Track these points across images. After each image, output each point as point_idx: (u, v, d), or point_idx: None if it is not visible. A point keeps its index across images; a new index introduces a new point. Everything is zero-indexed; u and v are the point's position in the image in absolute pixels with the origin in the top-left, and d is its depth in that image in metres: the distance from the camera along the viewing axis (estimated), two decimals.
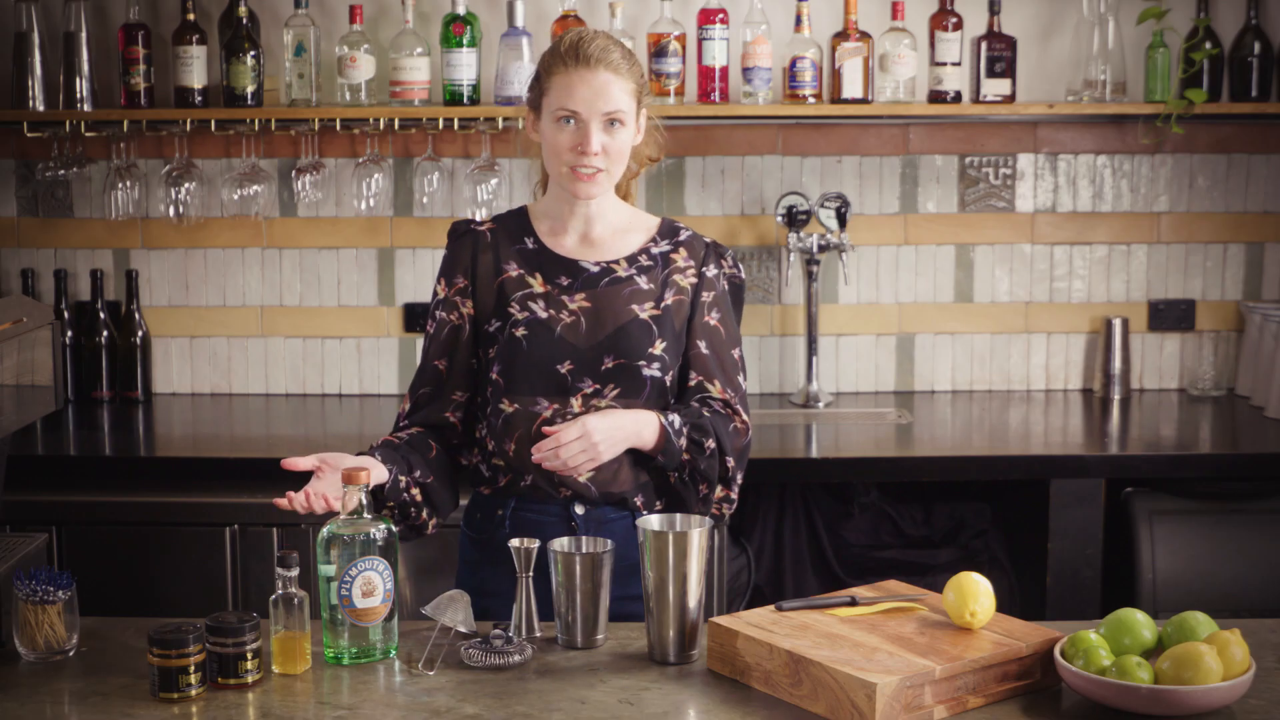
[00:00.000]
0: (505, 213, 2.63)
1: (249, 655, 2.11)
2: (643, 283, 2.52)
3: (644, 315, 2.50)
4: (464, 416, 2.56)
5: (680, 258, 2.55)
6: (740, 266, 2.63)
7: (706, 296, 2.55)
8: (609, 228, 2.56)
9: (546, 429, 2.42)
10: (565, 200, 2.52)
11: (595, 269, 2.52)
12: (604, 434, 2.41)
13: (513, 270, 2.53)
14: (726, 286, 2.59)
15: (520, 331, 2.48)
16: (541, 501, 2.50)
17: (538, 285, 2.51)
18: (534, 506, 2.50)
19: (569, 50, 2.47)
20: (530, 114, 2.53)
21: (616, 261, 2.53)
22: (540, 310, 2.49)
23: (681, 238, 2.58)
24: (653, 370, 2.48)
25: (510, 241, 2.55)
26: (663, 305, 2.51)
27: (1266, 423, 3.79)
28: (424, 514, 2.47)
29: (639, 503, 2.50)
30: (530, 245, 2.55)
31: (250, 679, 2.11)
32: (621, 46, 2.50)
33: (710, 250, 2.58)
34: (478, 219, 2.61)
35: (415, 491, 2.45)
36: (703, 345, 2.54)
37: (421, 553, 3.31)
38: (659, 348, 2.49)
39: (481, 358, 2.54)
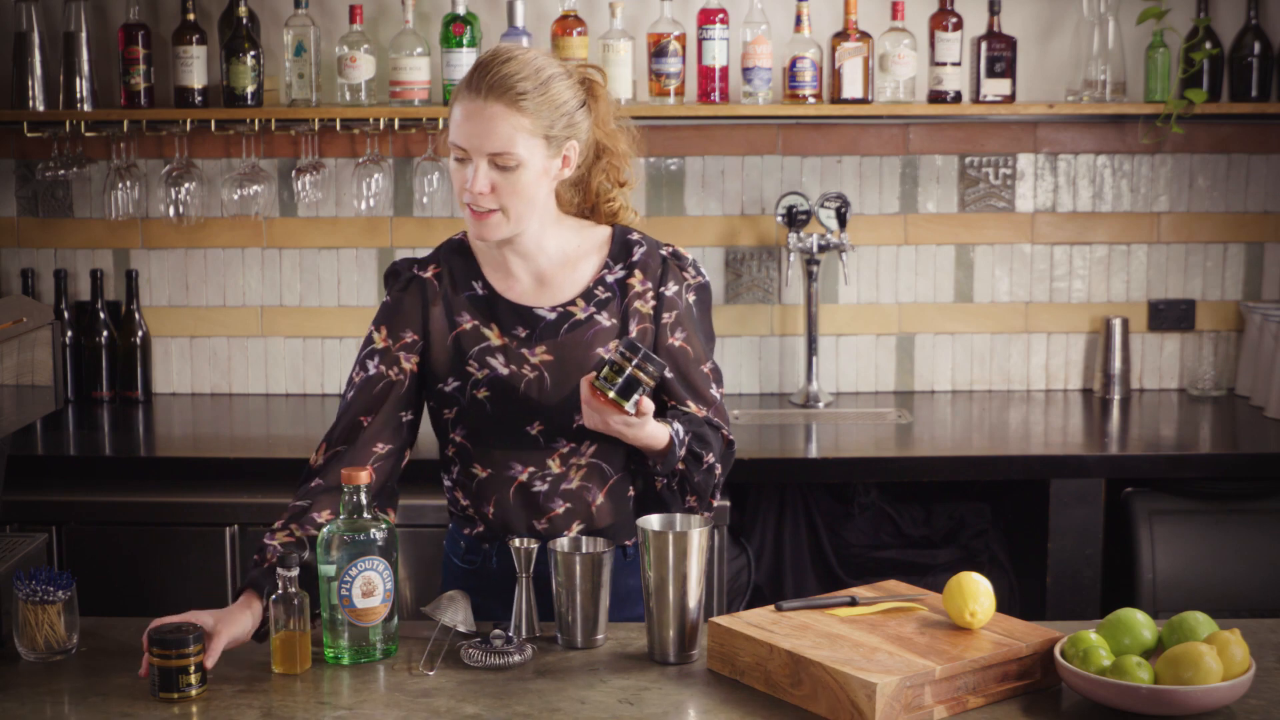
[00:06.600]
0: (446, 247, 2.44)
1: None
2: (604, 320, 2.36)
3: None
4: (381, 467, 2.36)
5: (637, 281, 2.38)
6: (703, 271, 2.45)
7: (667, 318, 2.39)
8: (556, 258, 2.37)
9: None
10: None
11: (552, 315, 2.36)
12: (640, 430, 2.25)
13: (466, 322, 2.37)
14: (692, 299, 2.42)
15: (483, 393, 2.34)
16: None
17: (494, 338, 2.36)
18: None
19: (471, 73, 2.25)
20: None
21: (573, 302, 2.36)
22: (500, 366, 2.34)
23: (636, 257, 2.39)
24: None
25: (458, 289, 2.38)
26: None
27: (1266, 423, 3.79)
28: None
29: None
30: (480, 291, 2.38)
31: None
32: (540, 76, 2.24)
33: (667, 265, 2.40)
34: (418, 258, 2.41)
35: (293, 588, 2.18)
36: (666, 371, 2.35)
37: (421, 553, 3.31)
38: None
39: (421, 412, 2.41)
